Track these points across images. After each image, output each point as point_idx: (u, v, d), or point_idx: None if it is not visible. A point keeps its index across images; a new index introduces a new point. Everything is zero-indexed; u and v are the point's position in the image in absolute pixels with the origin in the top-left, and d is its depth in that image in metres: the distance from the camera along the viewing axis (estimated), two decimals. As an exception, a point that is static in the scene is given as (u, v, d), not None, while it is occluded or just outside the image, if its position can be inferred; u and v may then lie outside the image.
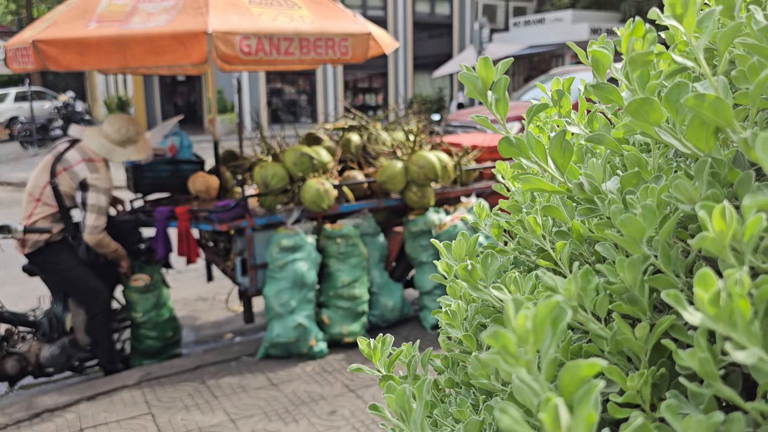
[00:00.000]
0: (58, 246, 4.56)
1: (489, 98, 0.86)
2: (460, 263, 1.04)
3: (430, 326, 5.35)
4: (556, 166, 0.85)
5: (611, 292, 0.75)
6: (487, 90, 0.86)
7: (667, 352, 0.73)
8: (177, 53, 4.35)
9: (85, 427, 3.91)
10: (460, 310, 1.10)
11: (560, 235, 0.95)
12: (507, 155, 0.86)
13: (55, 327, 4.82)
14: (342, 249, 5.03)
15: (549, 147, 0.84)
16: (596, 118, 1.02)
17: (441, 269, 1.17)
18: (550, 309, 0.54)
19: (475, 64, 0.90)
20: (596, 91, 0.85)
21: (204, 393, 4.32)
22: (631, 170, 0.82)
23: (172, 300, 5.27)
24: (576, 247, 0.93)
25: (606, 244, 0.81)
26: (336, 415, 3.98)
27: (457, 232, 5.17)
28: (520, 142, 0.82)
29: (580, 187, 0.82)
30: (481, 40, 18.76)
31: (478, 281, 0.98)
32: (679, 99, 0.66)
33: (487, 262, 1.02)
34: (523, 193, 1.18)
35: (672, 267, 0.72)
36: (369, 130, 6.02)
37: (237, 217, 4.94)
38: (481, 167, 5.86)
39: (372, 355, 1.15)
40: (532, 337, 0.54)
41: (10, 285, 7.15)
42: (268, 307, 4.84)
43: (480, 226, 1.28)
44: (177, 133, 5.69)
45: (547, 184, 0.84)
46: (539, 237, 0.99)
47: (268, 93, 23.11)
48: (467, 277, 0.97)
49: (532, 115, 0.91)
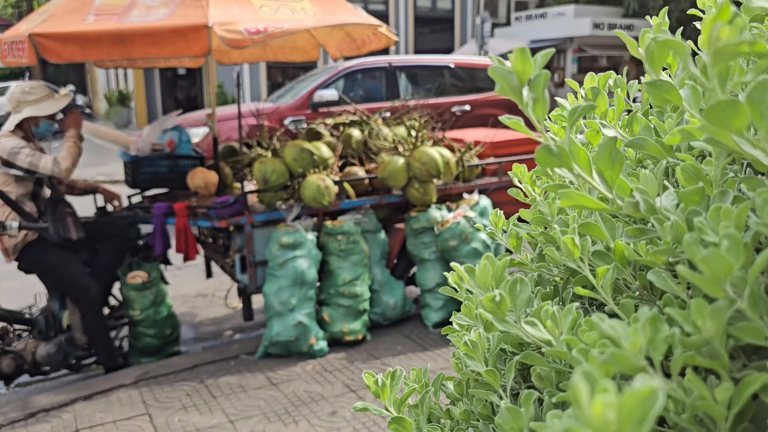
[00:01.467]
0: (39, 245, 4.46)
1: (525, 97, 0.73)
2: (485, 291, 0.91)
3: (432, 324, 5.28)
4: (603, 179, 0.73)
5: (686, 346, 0.62)
6: (523, 87, 0.74)
7: (749, 415, 0.63)
8: (178, 46, 4.28)
9: (81, 427, 3.84)
10: (481, 340, 0.98)
11: (599, 256, 0.84)
12: (546, 165, 0.75)
13: (52, 325, 4.75)
14: (343, 246, 4.96)
15: (595, 157, 0.73)
16: (636, 120, 0.91)
17: (452, 281, 1.08)
18: (641, 399, 0.42)
19: (508, 55, 0.77)
20: (651, 90, 0.74)
21: (202, 393, 4.25)
22: (693, 185, 0.71)
23: (170, 296, 5.19)
24: (618, 272, 0.82)
25: (662, 273, 0.70)
26: (337, 416, 3.90)
27: (459, 229, 5.09)
28: (563, 152, 0.71)
29: (635, 207, 0.71)
30: (483, 35, 18.67)
31: (506, 313, 0.86)
32: (764, 100, 0.55)
33: (516, 290, 0.88)
34: (549, 204, 1.07)
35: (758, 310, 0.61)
36: (370, 125, 5.94)
37: (236, 213, 4.87)
38: (484, 163, 5.78)
39: (380, 393, 1.03)
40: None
41: (7, 281, 7.08)
42: (268, 305, 4.77)
43: (496, 235, 1.19)
44: (176, 128, 5.61)
45: (593, 202, 0.73)
46: (576, 260, 0.86)
47: (268, 87, 23.00)
48: (494, 309, 0.84)
49: (578, 117, 0.77)
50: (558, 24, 22.36)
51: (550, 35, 22.39)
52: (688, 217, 0.68)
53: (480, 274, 0.94)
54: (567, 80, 1.17)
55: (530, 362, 0.87)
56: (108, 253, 4.84)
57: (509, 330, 0.84)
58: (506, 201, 5.84)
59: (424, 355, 4.77)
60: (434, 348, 4.89)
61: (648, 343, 0.60)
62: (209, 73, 5.89)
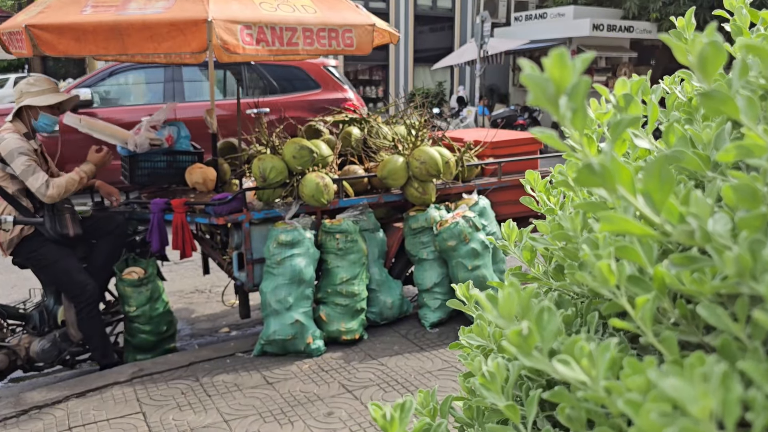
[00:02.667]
0: (35, 240, 4.41)
1: (562, 107, 0.65)
2: (509, 322, 0.82)
3: (430, 324, 5.24)
4: (649, 202, 0.65)
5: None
6: (560, 96, 0.66)
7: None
8: (176, 41, 4.24)
9: (73, 425, 3.80)
10: (500, 371, 0.89)
11: (635, 283, 0.75)
12: (587, 185, 0.67)
13: (46, 320, 4.71)
14: (341, 245, 4.91)
15: (644, 176, 0.64)
16: (673, 131, 0.82)
17: (460, 293, 1.02)
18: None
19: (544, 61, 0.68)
20: (705, 100, 0.66)
21: (197, 391, 4.21)
22: (749, 207, 0.63)
23: (167, 292, 5.14)
24: (656, 300, 0.73)
25: (716, 309, 0.63)
26: (333, 417, 3.87)
27: (458, 229, 5.05)
28: (606, 171, 0.63)
29: (689, 235, 0.63)
30: (483, 35, 18.60)
31: (533, 348, 0.76)
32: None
33: (543, 320, 0.78)
34: (571, 219, 0.98)
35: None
36: (370, 123, 5.90)
37: (234, 210, 4.82)
38: (484, 163, 5.74)
39: (388, 428, 0.93)
40: None
41: (3, 273, 7.04)
42: (265, 304, 4.73)
43: (509, 248, 1.13)
44: (174, 123, 5.56)
45: (638, 227, 0.65)
46: (612, 288, 0.76)
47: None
48: (520, 343, 0.76)
49: (622, 130, 0.68)
50: (557, 25, 22.29)
51: (550, 36, 22.31)
52: (752, 248, 0.60)
53: (504, 303, 0.84)
54: (595, 85, 1.11)
55: (558, 400, 0.79)
56: (105, 249, 4.79)
57: (537, 366, 0.76)
58: (505, 201, 5.84)
59: (422, 355, 4.73)
60: (432, 348, 4.85)
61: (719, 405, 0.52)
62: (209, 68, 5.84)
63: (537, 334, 0.76)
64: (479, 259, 5.09)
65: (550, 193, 1.14)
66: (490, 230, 5.36)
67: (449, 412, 1.06)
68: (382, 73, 25.18)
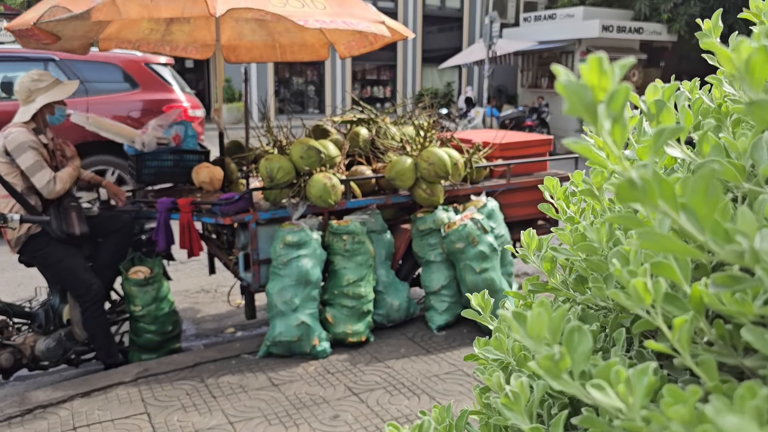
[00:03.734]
0: (42, 238, 4.39)
1: (600, 116, 0.60)
2: (537, 343, 0.77)
3: (437, 327, 5.20)
4: (693, 218, 0.60)
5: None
6: (598, 104, 0.61)
7: None
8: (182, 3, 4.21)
9: (78, 425, 3.77)
10: (524, 390, 0.84)
11: (670, 301, 0.70)
12: (628, 201, 0.61)
13: (52, 319, 4.68)
14: (348, 246, 4.88)
15: (688, 191, 0.60)
16: (707, 140, 0.77)
17: (475, 303, 0.98)
18: None
19: (582, 66, 0.62)
20: (753, 110, 0.62)
21: (202, 392, 4.18)
22: None
23: (172, 291, 5.12)
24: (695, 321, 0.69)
25: (764, 334, 0.59)
26: (338, 420, 3.83)
27: (466, 231, 5.01)
28: (649, 186, 0.58)
29: (739, 256, 0.57)
30: (492, 35, 18.54)
31: (563, 371, 0.71)
32: None
33: (573, 341, 0.74)
34: (597, 230, 0.94)
35: None
36: (378, 123, 5.87)
37: (241, 210, 4.80)
38: (492, 165, 5.70)
39: None
40: None
41: (10, 271, 7.03)
42: (271, 305, 4.70)
43: (528, 258, 1.09)
44: (182, 122, 5.54)
45: (682, 246, 0.60)
46: (648, 307, 0.71)
47: (275, 83, 22.92)
48: (551, 368, 0.70)
49: (665, 141, 0.63)
50: (566, 25, 22.22)
51: (559, 36, 22.25)
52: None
53: (533, 323, 0.78)
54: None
55: (588, 426, 0.74)
56: (111, 248, 4.77)
57: (568, 391, 0.71)
58: (513, 203, 5.80)
59: (428, 358, 4.69)
60: (438, 351, 4.81)
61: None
62: (217, 67, 5.82)
63: (568, 356, 0.72)
64: (487, 262, 5.05)
65: (569, 201, 1.10)
66: (498, 233, 5.32)
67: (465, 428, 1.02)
68: (390, 73, 25.15)
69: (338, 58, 22.90)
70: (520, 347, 0.91)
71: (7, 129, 4.27)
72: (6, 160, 4.23)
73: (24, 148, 4.19)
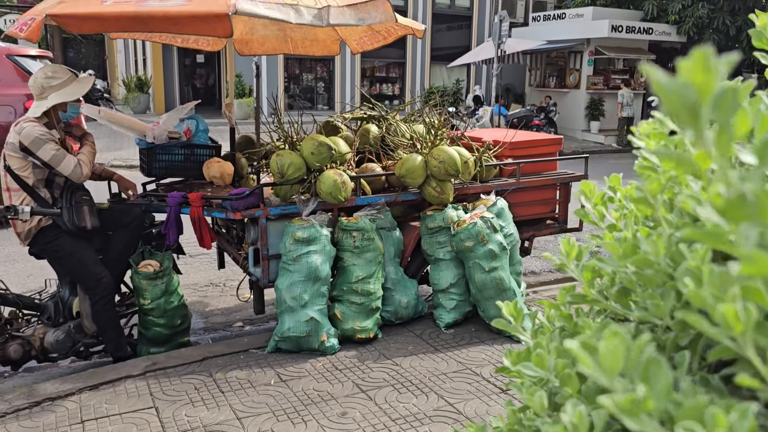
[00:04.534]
0: (52, 231, 4.39)
1: (703, 120, 0.54)
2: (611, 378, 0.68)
3: (445, 325, 5.19)
4: None
5: None
6: (703, 107, 0.55)
7: None
8: (200, 27, 4.25)
9: (86, 419, 3.78)
10: (583, 421, 0.76)
11: (762, 331, 0.63)
12: (738, 219, 0.55)
13: (61, 311, 4.69)
14: (358, 243, 4.87)
15: None
16: None
17: (506, 312, 0.94)
18: None
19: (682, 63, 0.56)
20: None
21: (210, 387, 4.18)
22: None
23: (181, 284, 5.10)
24: None
25: None
26: (347, 417, 3.83)
27: (476, 230, 4.99)
28: (763, 202, 0.52)
29: None
30: (501, 34, 18.47)
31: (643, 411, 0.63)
32: None
33: (650, 375, 0.65)
34: (654, 242, 0.87)
35: None
36: (389, 121, 5.85)
37: (251, 205, 4.80)
38: (502, 164, 5.69)
39: None
40: None
41: (20, 262, 7.05)
42: (280, 300, 4.69)
43: (567, 267, 1.05)
44: (193, 117, 5.54)
45: None
46: (737, 337, 0.63)
47: (285, 79, 22.90)
48: (631, 407, 0.63)
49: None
50: (576, 25, 22.11)
51: (568, 36, 22.14)
52: None
53: (608, 355, 0.69)
54: None
55: None
56: (121, 242, 4.77)
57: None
58: (522, 202, 5.77)
59: (436, 356, 4.68)
60: (446, 349, 4.80)
61: None
62: (228, 62, 5.82)
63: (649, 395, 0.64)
64: (496, 261, 5.03)
65: (608, 206, 1.05)
66: (507, 231, 5.30)
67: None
68: (399, 71, 25.09)
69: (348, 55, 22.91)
70: (564, 365, 0.86)
71: (20, 124, 4.26)
72: (19, 155, 4.22)
73: (41, 141, 4.19)
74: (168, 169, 5.42)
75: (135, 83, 23.25)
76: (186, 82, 25.38)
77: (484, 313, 5.14)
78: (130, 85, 23.38)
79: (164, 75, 23.29)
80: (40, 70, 4.47)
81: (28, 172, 4.26)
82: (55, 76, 4.39)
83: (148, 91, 23.23)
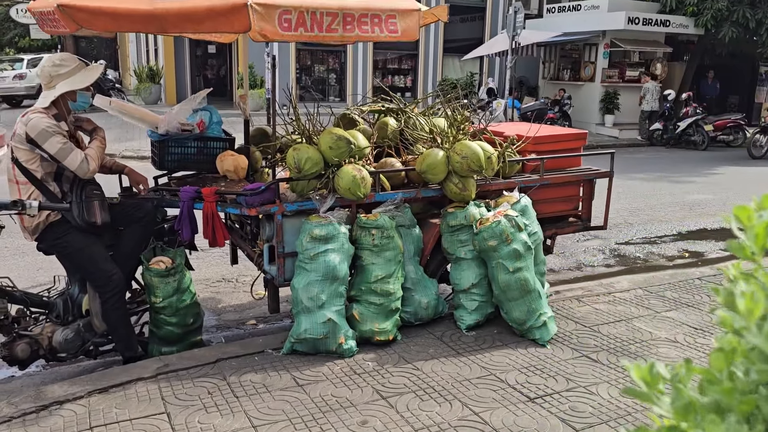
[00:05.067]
0: (61, 227, 4.22)
1: None
2: None
3: (466, 327, 5.00)
4: None
5: None
6: None
7: None
8: (217, 21, 4.07)
9: (95, 425, 3.60)
10: None
11: None
12: None
13: (70, 309, 4.54)
14: (377, 241, 4.68)
15: None
16: None
17: (637, 377, 0.77)
18: None
19: None
20: None
21: (224, 391, 4.00)
22: None
23: (193, 280, 4.92)
24: None
25: None
26: (367, 426, 3.63)
27: (500, 229, 4.79)
28: None
29: None
30: (515, 26, 18.22)
31: None
32: None
33: None
34: None
35: None
36: (407, 114, 5.66)
37: (267, 201, 4.62)
38: (526, 159, 5.49)
39: None
40: None
41: (30, 255, 6.91)
42: (296, 300, 4.52)
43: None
44: (206, 108, 5.36)
45: None
46: None
47: (297, 70, 22.71)
48: None
49: None
50: (591, 17, 21.82)
51: (583, 28, 21.86)
52: None
53: None
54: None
55: None
56: (132, 237, 4.60)
57: None
58: (543, 199, 5.57)
59: (458, 360, 4.50)
60: (468, 353, 4.61)
61: None
62: (241, 52, 5.63)
63: None
64: (521, 261, 4.83)
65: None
66: (531, 230, 5.09)
67: None
68: (411, 62, 24.87)
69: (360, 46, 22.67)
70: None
71: (27, 115, 4.10)
72: (26, 147, 4.06)
73: (48, 134, 4.02)
74: (180, 162, 5.25)
75: (146, 74, 23.16)
76: (197, 72, 25.31)
77: (508, 315, 4.94)
78: (141, 76, 23.29)
79: (176, 65, 23.18)
80: (47, 58, 4.31)
81: (36, 164, 4.09)
82: (63, 63, 4.22)
83: (160, 81, 23.13)
